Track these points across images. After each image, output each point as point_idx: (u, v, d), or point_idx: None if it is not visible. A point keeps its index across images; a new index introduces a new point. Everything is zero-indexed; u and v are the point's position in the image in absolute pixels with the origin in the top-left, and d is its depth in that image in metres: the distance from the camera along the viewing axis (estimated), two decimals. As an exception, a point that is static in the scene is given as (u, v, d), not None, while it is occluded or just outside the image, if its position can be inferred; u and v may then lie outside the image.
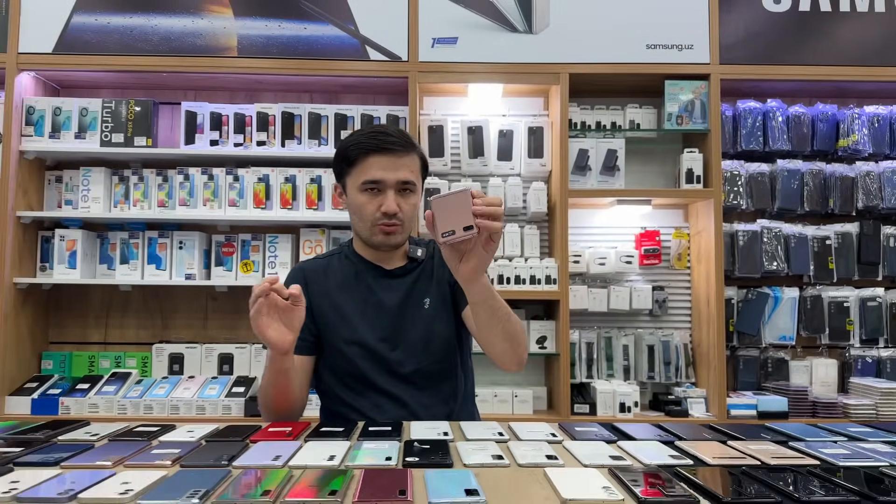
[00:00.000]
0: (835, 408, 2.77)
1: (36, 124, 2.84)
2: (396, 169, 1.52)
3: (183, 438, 1.26)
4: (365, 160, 1.52)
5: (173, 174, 2.88)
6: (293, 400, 1.52)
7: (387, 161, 1.51)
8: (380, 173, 1.51)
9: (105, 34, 2.80)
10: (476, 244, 1.28)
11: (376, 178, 1.51)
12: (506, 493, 0.94)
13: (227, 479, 0.98)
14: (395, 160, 1.52)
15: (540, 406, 2.92)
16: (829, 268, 2.96)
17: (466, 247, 1.29)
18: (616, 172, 2.92)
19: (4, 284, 2.71)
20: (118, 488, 0.93)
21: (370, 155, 1.52)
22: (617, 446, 1.22)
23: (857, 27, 2.91)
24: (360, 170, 1.53)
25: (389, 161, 1.51)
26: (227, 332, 3.04)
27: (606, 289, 2.95)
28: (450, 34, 2.84)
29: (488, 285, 1.39)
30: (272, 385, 1.47)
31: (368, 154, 1.52)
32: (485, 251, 1.29)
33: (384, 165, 1.51)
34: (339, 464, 1.08)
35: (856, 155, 2.99)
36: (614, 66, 2.86)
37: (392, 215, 1.52)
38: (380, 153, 1.51)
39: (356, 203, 1.55)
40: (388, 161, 1.51)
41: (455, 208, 1.24)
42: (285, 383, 1.47)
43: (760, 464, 1.10)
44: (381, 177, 1.51)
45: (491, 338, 1.46)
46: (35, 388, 2.75)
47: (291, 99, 3.04)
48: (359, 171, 1.53)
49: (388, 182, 1.52)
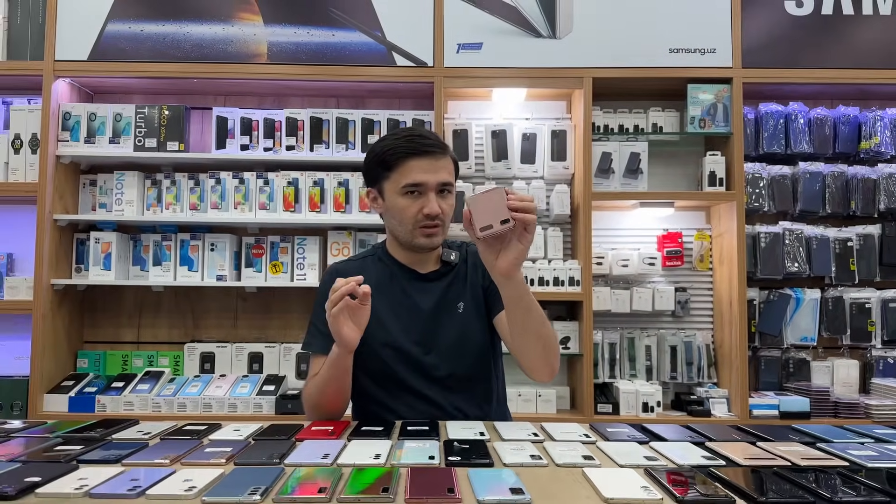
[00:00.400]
0: (857, 408, 2.79)
1: (72, 130, 2.92)
2: (436, 171, 1.55)
3: (231, 437, 1.31)
4: (405, 164, 1.54)
5: (205, 178, 2.95)
6: (346, 399, 1.57)
7: (426, 164, 1.54)
8: (421, 176, 1.53)
9: (138, 41, 2.87)
10: (512, 237, 1.35)
11: (418, 180, 1.53)
12: (548, 492, 0.98)
13: (282, 477, 1.04)
14: (434, 162, 1.55)
15: (563, 405, 2.96)
16: (851, 269, 2.98)
17: (503, 241, 1.36)
18: (639, 175, 2.96)
19: (42, 285, 2.80)
20: (182, 485, 0.98)
21: (409, 158, 1.54)
22: (649, 447, 1.26)
23: (879, 30, 2.93)
24: (399, 173, 1.55)
25: (429, 164, 1.54)
26: (257, 332, 3.11)
27: (629, 290, 2.98)
28: (475, 40, 2.88)
29: (524, 283, 1.44)
30: (330, 384, 1.51)
31: (408, 158, 1.54)
32: (520, 243, 1.35)
33: (424, 168, 1.54)
34: (385, 462, 1.13)
35: (878, 157, 3.00)
36: (637, 71, 2.89)
37: (434, 216, 1.54)
38: (419, 156, 1.54)
39: (397, 206, 1.57)
40: (428, 164, 1.54)
41: (491, 204, 1.32)
42: (346, 381, 1.52)
43: (791, 465, 1.14)
44: (422, 179, 1.53)
45: (525, 341, 1.50)
46: (72, 387, 2.84)
47: (318, 104, 3.10)
48: (398, 174, 1.55)
49: (429, 184, 1.54)
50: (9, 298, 2.87)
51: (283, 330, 3.11)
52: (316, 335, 1.62)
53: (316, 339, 1.61)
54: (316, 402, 1.56)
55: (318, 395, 1.55)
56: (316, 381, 1.55)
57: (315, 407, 1.56)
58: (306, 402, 1.59)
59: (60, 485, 0.98)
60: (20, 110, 2.90)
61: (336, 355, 1.47)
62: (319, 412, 1.56)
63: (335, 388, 1.52)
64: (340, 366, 1.49)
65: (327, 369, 1.50)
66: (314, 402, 1.56)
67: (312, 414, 1.58)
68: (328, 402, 1.55)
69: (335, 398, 1.55)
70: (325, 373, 1.52)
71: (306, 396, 1.59)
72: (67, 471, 1.05)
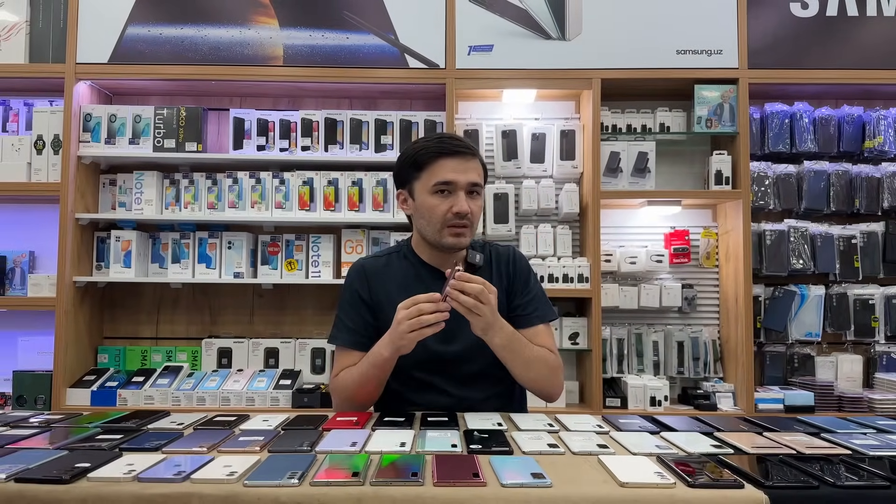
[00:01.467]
0: (860, 402, 2.85)
1: (93, 131, 2.99)
2: (466, 171, 1.60)
3: (261, 427, 1.38)
4: (435, 163, 1.60)
5: (222, 178, 3.02)
6: (381, 392, 1.64)
7: (456, 164, 1.59)
8: (451, 175, 1.58)
9: (157, 44, 2.94)
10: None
11: (448, 179, 1.58)
12: (567, 477, 1.04)
13: (315, 463, 1.10)
14: (464, 163, 1.60)
15: (572, 400, 3.03)
16: (855, 266, 3.03)
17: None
18: (647, 174, 3.01)
19: (65, 283, 2.87)
20: (223, 470, 1.05)
21: (440, 158, 1.59)
22: (661, 437, 1.32)
23: (883, 30, 2.97)
24: (430, 173, 1.60)
25: (459, 164, 1.59)
26: (273, 328, 3.19)
27: (637, 287, 3.04)
28: (485, 42, 2.94)
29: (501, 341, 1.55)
30: (372, 381, 1.58)
31: (438, 157, 1.60)
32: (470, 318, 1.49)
33: (454, 168, 1.59)
34: (411, 449, 1.19)
35: (882, 156, 3.05)
36: (645, 72, 2.95)
37: (464, 215, 1.59)
38: (450, 156, 1.59)
39: (427, 205, 1.61)
40: (458, 164, 1.59)
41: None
42: (386, 378, 1.60)
43: (796, 453, 1.20)
44: (452, 178, 1.58)
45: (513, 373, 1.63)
46: (93, 381, 2.91)
47: (332, 105, 3.17)
48: (429, 174, 1.60)
49: (459, 183, 1.59)
50: (32, 295, 2.94)
51: (299, 326, 3.18)
52: (343, 329, 1.67)
53: (342, 332, 1.67)
54: (352, 394, 1.62)
55: (354, 388, 1.61)
56: (353, 375, 1.61)
57: (349, 398, 1.62)
58: (339, 393, 1.65)
59: (109, 470, 1.05)
60: (42, 112, 2.97)
61: (385, 360, 1.54)
62: (352, 403, 1.62)
63: (376, 384, 1.59)
64: (387, 368, 1.56)
65: (371, 367, 1.56)
66: (349, 393, 1.62)
67: (344, 404, 1.63)
68: (365, 394, 1.61)
69: (374, 392, 1.61)
70: (367, 371, 1.58)
71: (340, 388, 1.64)
72: (113, 458, 1.12)
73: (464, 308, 1.46)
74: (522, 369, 1.60)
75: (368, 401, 1.64)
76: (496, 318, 1.51)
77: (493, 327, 1.51)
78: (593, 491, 0.98)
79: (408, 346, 1.49)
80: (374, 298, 1.67)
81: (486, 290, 1.47)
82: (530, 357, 1.60)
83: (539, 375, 1.62)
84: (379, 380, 1.59)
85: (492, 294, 1.48)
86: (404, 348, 1.49)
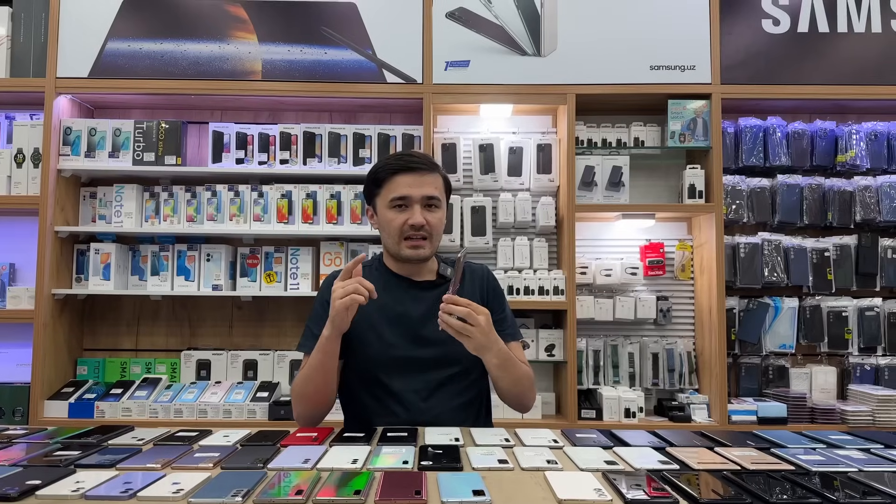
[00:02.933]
0: (832, 414, 2.88)
1: (73, 144, 3.01)
2: (421, 185, 1.67)
3: (220, 443, 1.40)
4: (393, 179, 1.68)
5: (201, 191, 3.04)
6: (332, 390, 1.65)
7: (412, 179, 1.67)
8: (406, 190, 1.67)
9: (137, 59, 2.97)
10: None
11: (403, 193, 1.67)
12: (508, 493, 1.07)
13: (264, 480, 1.12)
14: (419, 178, 1.68)
15: (549, 411, 3.05)
16: (828, 279, 3.07)
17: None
18: (621, 188, 3.05)
19: (43, 295, 2.89)
20: (170, 488, 1.07)
21: (397, 174, 1.68)
22: (613, 452, 1.35)
23: (854, 47, 3.02)
24: (388, 189, 1.69)
25: (414, 179, 1.67)
26: (252, 340, 3.20)
27: (612, 299, 3.07)
28: (462, 57, 2.98)
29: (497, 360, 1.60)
30: (318, 370, 1.60)
31: (396, 174, 1.68)
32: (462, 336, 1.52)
33: (410, 183, 1.67)
34: (362, 467, 1.21)
35: (854, 170, 3.09)
36: (619, 87, 2.99)
37: (419, 227, 1.66)
38: (406, 172, 1.68)
39: (385, 219, 1.70)
40: (413, 179, 1.67)
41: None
42: (332, 367, 1.61)
43: (741, 468, 1.23)
44: (407, 192, 1.67)
45: (500, 388, 1.68)
46: (72, 393, 2.92)
47: (312, 119, 3.20)
48: (387, 189, 1.69)
49: (413, 197, 1.67)
50: (11, 308, 2.96)
51: (277, 338, 3.20)
52: (310, 337, 1.69)
53: (310, 340, 1.69)
54: (302, 392, 1.64)
55: (303, 384, 1.63)
56: (304, 371, 1.65)
57: (301, 397, 1.64)
58: (293, 393, 1.68)
59: (58, 487, 1.07)
60: (23, 125, 3.00)
61: (326, 338, 1.56)
62: (306, 403, 1.64)
63: (322, 374, 1.60)
64: (329, 349, 1.58)
65: (315, 353, 1.60)
66: (300, 391, 1.64)
67: (299, 405, 1.65)
68: (315, 390, 1.62)
69: (322, 387, 1.62)
70: (312, 359, 1.61)
71: (294, 388, 1.67)
72: (65, 475, 1.14)
73: (453, 331, 1.51)
74: (511, 385, 1.66)
75: (320, 399, 1.64)
76: (489, 338, 1.55)
77: (486, 347, 1.56)
78: (530, 508, 1.01)
79: (341, 319, 1.52)
80: None
81: (474, 311, 1.51)
82: (520, 374, 1.67)
83: (523, 390, 1.70)
84: (324, 369, 1.60)
85: (481, 315, 1.52)
86: (339, 321, 1.52)
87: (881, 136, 3.10)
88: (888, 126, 3.11)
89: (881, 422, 2.81)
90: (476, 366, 1.72)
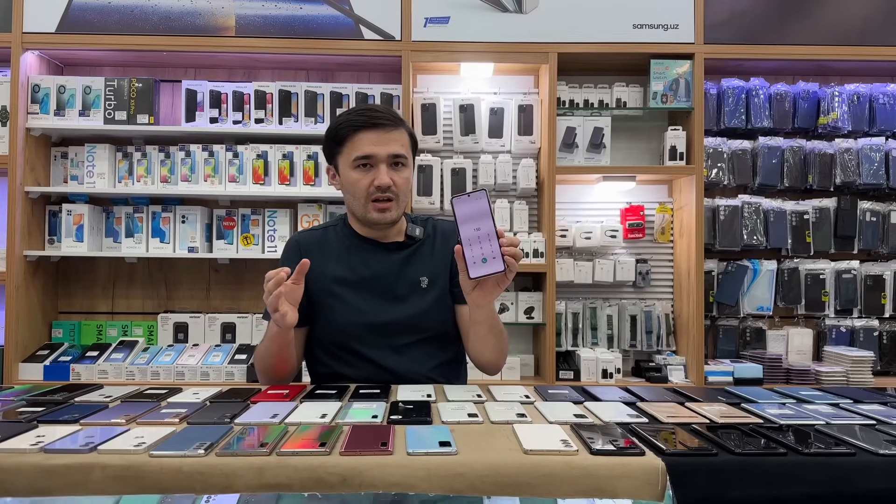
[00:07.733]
0: (807, 374, 2.91)
1: (41, 102, 2.93)
2: (387, 143, 1.55)
3: (189, 399, 1.38)
4: (355, 137, 1.56)
5: (175, 151, 2.98)
6: (291, 368, 1.62)
7: (376, 136, 1.55)
8: (370, 148, 1.55)
9: (106, 14, 2.88)
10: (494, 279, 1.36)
11: (367, 152, 1.55)
12: (475, 445, 1.05)
13: (230, 434, 1.11)
14: (384, 135, 1.56)
15: (527, 373, 3.06)
16: (807, 241, 3.08)
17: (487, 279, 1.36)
18: (602, 150, 3.02)
19: (15, 257, 2.84)
20: (132, 441, 1.05)
21: (360, 131, 1.55)
22: (583, 406, 1.34)
23: (838, 7, 2.98)
24: (350, 147, 1.56)
25: (379, 136, 1.55)
26: (230, 302, 3.18)
27: (592, 262, 3.07)
28: (442, 14, 2.91)
29: (493, 310, 1.53)
30: (273, 355, 1.55)
31: (358, 131, 1.55)
32: (499, 286, 1.39)
33: (374, 140, 1.55)
34: (331, 421, 1.20)
35: (835, 132, 3.08)
36: (602, 46, 2.94)
37: (386, 188, 1.56)
38: (369, 129, 1.55)
39: (349, 180, 1.58)
40: (378, 136, 1.55)
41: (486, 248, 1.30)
42: (288, 353, 1.56)
43: (709, 422, 1.23)
44: (372, 151, 1.55)
45: (481, 349, 1.61)
46: (47, 356, 2.89)
47: (288, 77, 3.13)
48: (349, 148, 1.57)
49: (379, 156, 1.55)
50: (-18, 270, 2.90)
51: (256, 301, 3.17)
52: None
53: None
54: (262, 369, 1.61)
55: (262, 364, 1.60)
56: (263, 343, 1.59)
57: (263, 371, 1.61)
58: (256, 366, 1.64)
59: (18, 441, 1.05)
60: (-11, 82, 2.91)
61: (275, 332, 1.51)
62: (268, 376, 1.61)
63: (278, 359, 1.57)
64: (281, 341, 1.52)
65: (269, 342, 1.55)
66: (260, 369, 1.61)
67: (262, 378, 1.62)
68: (273, 370, 1.59)
69: (279, 367, 1.59)
70: (266, 344, 1.56)
71: (256, 361, 1.63)
72: (27, 429, 1.12)
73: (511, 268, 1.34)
74: (495, 341, 1.59)
75: (280, 375, 1.61)
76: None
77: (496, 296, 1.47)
78: (496, 458, 1.00)
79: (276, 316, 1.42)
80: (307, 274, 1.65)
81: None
82: (502, 330, 1.61)
83: (502, 348, 1.63)
84: (281, 356, 1.56)
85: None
86: (284, 319, 1.43)
87: (863, 99, 3.08)
88: (870, 88, 3.10)
89: (854, 382, 2.85)
90: (450, 327, 1.69)
